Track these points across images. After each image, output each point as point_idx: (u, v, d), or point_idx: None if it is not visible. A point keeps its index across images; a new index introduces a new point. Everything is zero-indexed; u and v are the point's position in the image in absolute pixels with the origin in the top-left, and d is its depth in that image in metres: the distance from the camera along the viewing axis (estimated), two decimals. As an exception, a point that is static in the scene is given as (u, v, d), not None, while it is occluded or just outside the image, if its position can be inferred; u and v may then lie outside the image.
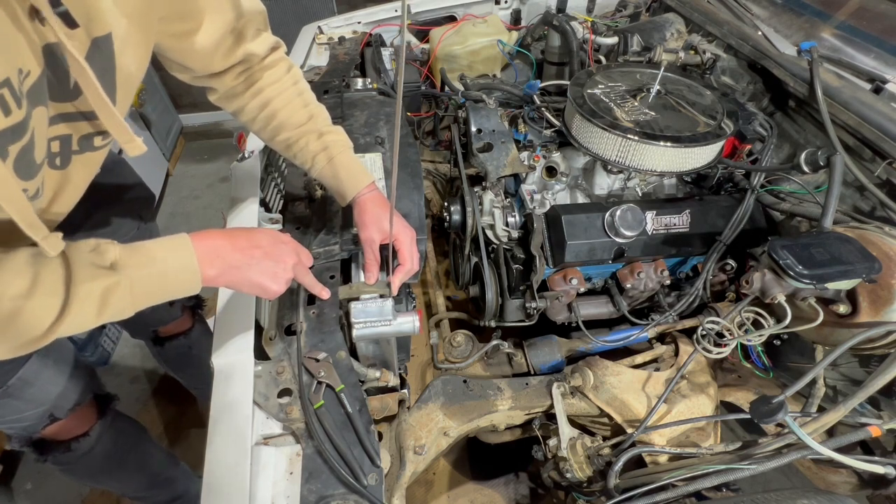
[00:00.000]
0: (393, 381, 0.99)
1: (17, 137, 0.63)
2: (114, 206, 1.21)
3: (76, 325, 0.62)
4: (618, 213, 1.09)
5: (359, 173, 0.97)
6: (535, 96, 1.39)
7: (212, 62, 0.86)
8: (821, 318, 0.89)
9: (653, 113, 1.15)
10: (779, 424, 0.80)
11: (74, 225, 0.96)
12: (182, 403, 2.00)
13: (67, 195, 0.85)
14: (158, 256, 0.69)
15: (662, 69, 1.22)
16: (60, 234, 0.68)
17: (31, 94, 0.57)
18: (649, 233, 1.12)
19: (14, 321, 0.58)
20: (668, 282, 1.17)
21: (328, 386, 0.86)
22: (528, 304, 1.17)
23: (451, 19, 1.91)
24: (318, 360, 0.88)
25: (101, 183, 0.91)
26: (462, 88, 1.55)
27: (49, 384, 1.08)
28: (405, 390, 1.03)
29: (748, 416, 0.82)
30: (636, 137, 1.07)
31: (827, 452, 0.74)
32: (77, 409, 1.16)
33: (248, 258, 0.78)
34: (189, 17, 0.78)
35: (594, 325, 1.24)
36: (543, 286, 1.17)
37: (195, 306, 1.59)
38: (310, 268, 0.91)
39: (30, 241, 0.60)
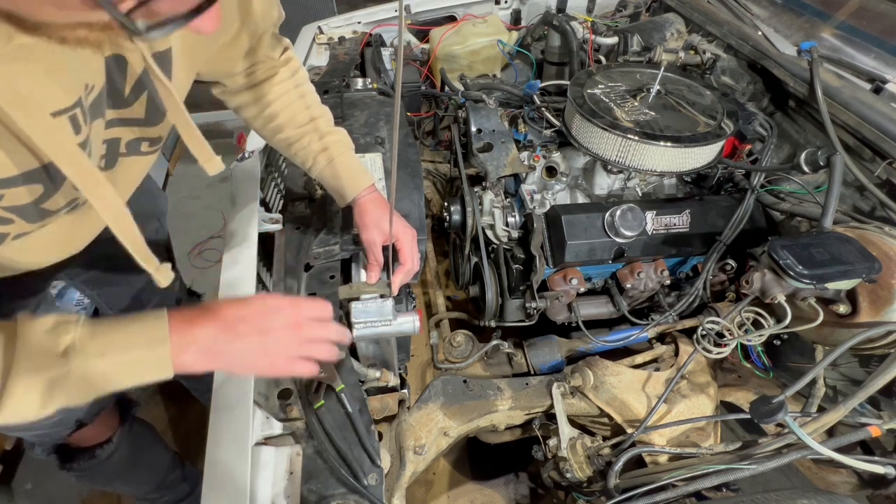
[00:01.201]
0: (393, 381, 0.99)
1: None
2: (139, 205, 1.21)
3: (14, 417, 0.55)
4: (618, 213, 1.09)
5: (359, 174, 0.97)
6: (535, 96, 1.39)
7: (235, 66, 0.86)
8: (821, 318, 0.89)
9: (653, 113, 1.15)
10: (779, 424, 0.81)
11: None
12: (182, 403, 2.00)
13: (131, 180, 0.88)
14: (124, 344, 0.59)
15: (662, 69, 1.22)
16: (170, 265, 0.68)
17: (92, 108, 0.58)
18: (649, 233, 1.12)
19: None
20: (668, 282, 1.17)
21: (328, 386, 0.86)
22: (528, 304, 1.17)
23: (451, 19, 1.91)
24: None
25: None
26: (462, 88, 1.55)
27: None
28: (405, 390, 1.03)
29: (748, 416, 0.82)
30: (636, 137, 1.07)
31: (827, 452, 0.74)
32: (102, 413, 1.16)
33: (232, 336, 0.65)
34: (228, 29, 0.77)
35: (594, 325, 1.24)
36: (543, 286, 1.17)
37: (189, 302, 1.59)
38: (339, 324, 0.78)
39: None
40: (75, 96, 0.52)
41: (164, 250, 1.33)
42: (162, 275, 0.68)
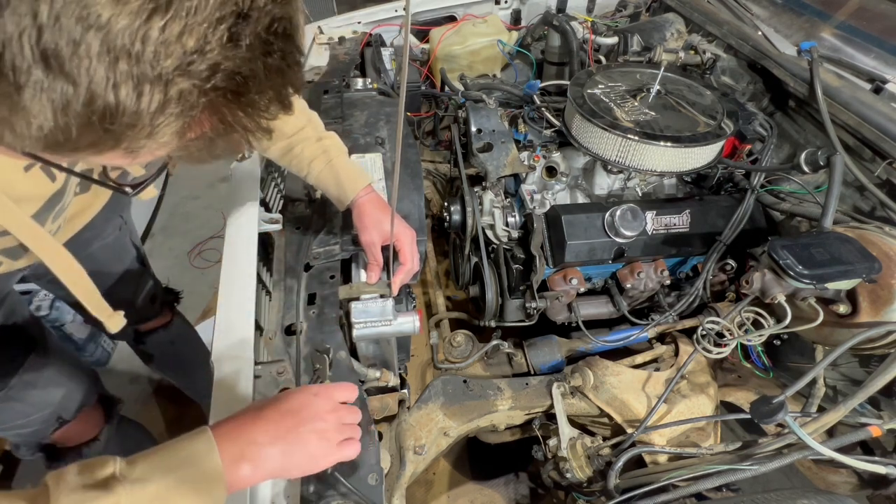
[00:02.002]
0: (393, 381, 0.99)
1: (59, 199, 0.78)
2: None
3: None
4: (618, 213, 1.09)
5: (357, 176, 0.97)
6: (535, 96, 1.39)
7: None
8: (821, 318, 0.89)
9: (653, 113, 1.15)
10: (779, 424, 0.80)
11: None
12: (182, 403, 2.00)
13: (89, 213, 1.03)
14: (173, 463, 0.55)
15: (662, 69, 1.22)
16: (122, 313, 0.72)
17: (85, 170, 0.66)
18: (649, 233, 1.12)
19: None
20: (668, 282, 1.17)
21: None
22: (528, 304, 1.17)
23: (451, 19, 1.91)
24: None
25: None
26: (462, 88, 1.55)
27: (52, 384, 1.08)
28: (405, 390, 1.03)
29: (748, 416, 0.82)
30: (636, 137, 1.07)
31: (827, 452, 0.74)
32: (84, 410, 1.16)
33: (285, 435, 0.62)
34: None
35: (594, 325, 1.24)
36: (543, 286, 1.17)
37: (172, 301, 1.59)
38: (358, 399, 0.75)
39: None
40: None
41: (131, 248, 1.31)
42: (113, 322, 0.77)
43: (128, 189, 0.57)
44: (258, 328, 0.94)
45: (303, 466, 0.64)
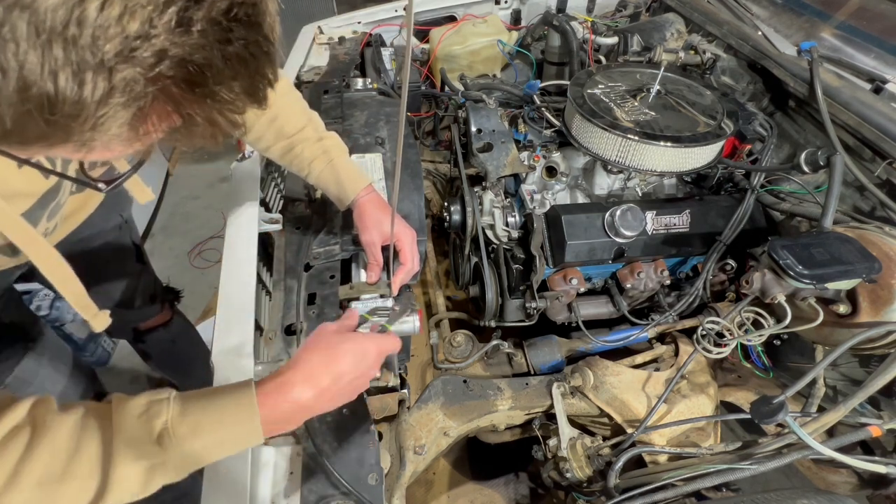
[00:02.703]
0: (393, 381, 0.98)
1: (54, 196, 0.80)
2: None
3: (117, 502, 0.57)
4: (618, 213, 1.09)
5: (357, 176, 0.97)
6: (535, 96, 1.39)
7: None
8: (821, 318, 0.89)
9: (653, 113, 1.15)
10: (779, 424, 0.80)
11: None
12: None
13: (84, 211, 1.03)
14: (215, 422, 0.60)
15: (662, 69, 1.22)
16: (108, 313, 0.73)
17: (65, 165, 0.65)
18: (649, 233, 1.12)
19: None
20: (668, 282, 1.17)
21: None
22: (528, 304, 1.17)
23: (451, 19, 1.91)
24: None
25: None
26: (462, 88, 1.55)
27: (48, 383, 1.08)
28: (405, 390, 1.03)
29: (748, 416, 0.82)
30: (636, 137, 1.07)
31: (828, 452, 0.74)
32: None
33: (334, 396, 0.67)
34: None
35: (594, 325, 1.24)
36: (543, 286, 1.17)
37: (173, 299, 1.59)
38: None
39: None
40: None
41: (131, 247, 1.32)
42: (98, 321, 0.77)
43: (101, 185, 0.55)
44: (258, 328, 0.94)
45: (334, 406, 0.68)
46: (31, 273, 1.08)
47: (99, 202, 1.09)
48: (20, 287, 1.09)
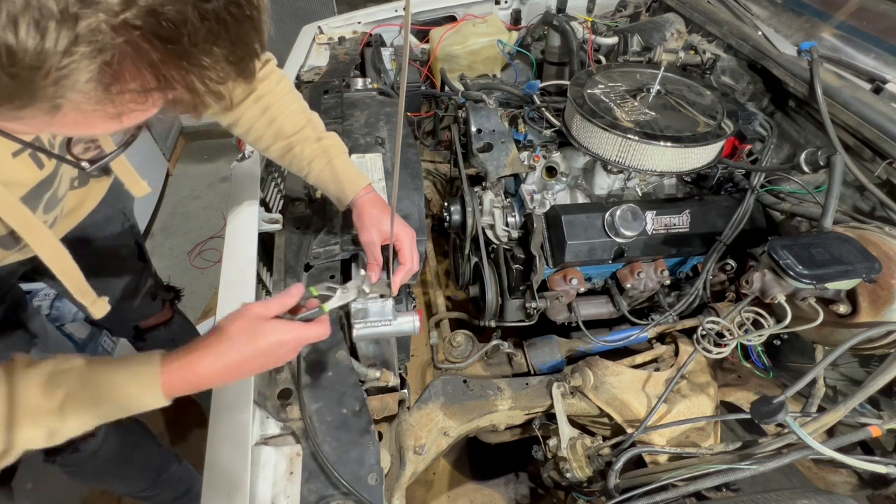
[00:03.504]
0: (393, 381, 0.99)
1: (48, 187, 0.78)
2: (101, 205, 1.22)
3: (22, 453, 0.60)
4: (618, 213, 1.09)
5: (357, 176, 0.97)
6: (535, 96, 1.39)
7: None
8: (821, 318, 0.89)
9: (653, 113, 1.15)
10: (779, 424, 0.80)
11: None
12: (182, 403, 2.00)
13: (86, 208, 1.01)
14: (117, 394, 0.62)
15: (662, 69, 1.22)
16: (107, 299, 0.72)
17: (61, 146, 0.64)
18: (649, 233, 1.12)
19: None
20: (668, 282, 1.17)
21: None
22: (528, 304, 1.17)
23: (451, 19, 1.91)
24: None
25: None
26: (462, 88, 1.55)
27: None
28: (405, 390, 1.03)
29: (748, 416, 0.82)
30: (636, 137, 1.07)
31: (828, 452, 0.74)
32: None
33: (240, 376, 0.68)
34: None
35: (594, 325, 1.24)
36: (543, 286, 1.17)
37: (173, 298, 1.59)
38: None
39: None
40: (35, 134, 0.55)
41: (133, 245, 1.32)
42: (97, 308, 0.77)
43: (84, 164, 0.54)
44: (258, 328, 0.94)
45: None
46: (33, 272, 1.08)
47: (100, 198, 1.08)
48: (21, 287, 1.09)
